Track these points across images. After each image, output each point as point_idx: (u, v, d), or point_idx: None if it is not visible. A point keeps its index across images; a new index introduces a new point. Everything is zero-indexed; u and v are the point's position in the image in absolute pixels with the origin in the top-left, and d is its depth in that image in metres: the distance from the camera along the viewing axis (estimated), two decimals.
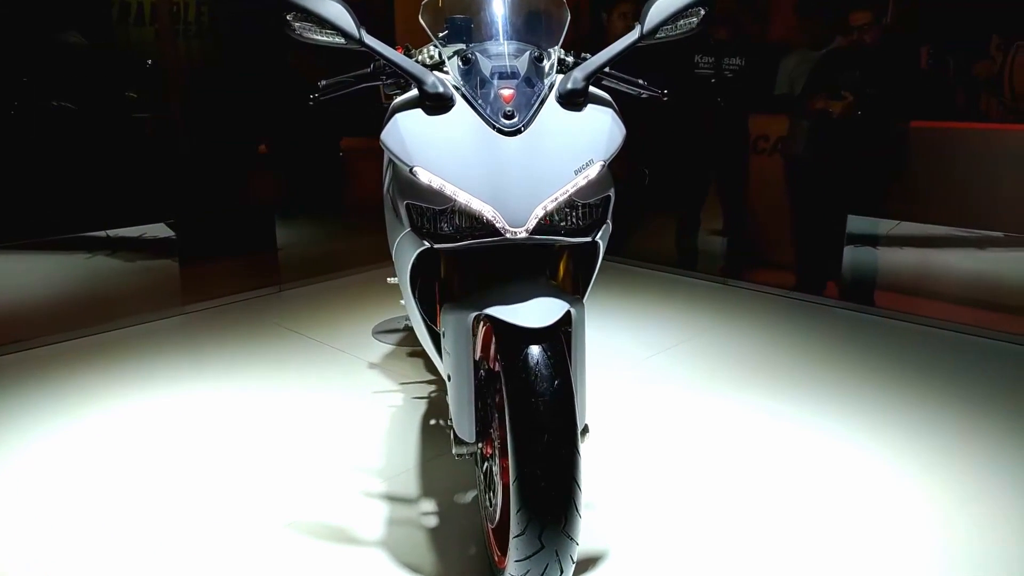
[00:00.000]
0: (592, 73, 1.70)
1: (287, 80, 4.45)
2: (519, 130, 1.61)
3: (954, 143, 4.22)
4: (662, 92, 2.01)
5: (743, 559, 1.97)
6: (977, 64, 4.97)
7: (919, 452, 2.50)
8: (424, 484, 2.35)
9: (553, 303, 1.63)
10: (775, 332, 3.69)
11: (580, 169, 1.62)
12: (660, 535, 2.07)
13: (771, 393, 2.96)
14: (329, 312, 4.04)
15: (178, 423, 2.77)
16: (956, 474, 2.37)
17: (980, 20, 4.93)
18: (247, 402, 2.95)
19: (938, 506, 2.21)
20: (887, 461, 2.46)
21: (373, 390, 3.04)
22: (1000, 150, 4.16)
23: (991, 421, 2.72)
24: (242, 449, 2.58)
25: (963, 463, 2.44)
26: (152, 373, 3.23)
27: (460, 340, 1.70)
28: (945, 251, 4.34)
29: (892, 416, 2.75)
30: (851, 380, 3.08)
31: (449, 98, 1.66)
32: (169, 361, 3.36)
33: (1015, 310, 3.82)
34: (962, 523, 2.12)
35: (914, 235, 4.28)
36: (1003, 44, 5.00)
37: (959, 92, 4.45)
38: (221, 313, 4.04)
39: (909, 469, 2.41)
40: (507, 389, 1.54)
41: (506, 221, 1.57)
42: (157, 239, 4.08)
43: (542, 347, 1.57)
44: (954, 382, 3.06)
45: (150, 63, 4.16)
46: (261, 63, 4.42)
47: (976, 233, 4.29)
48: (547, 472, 1.48)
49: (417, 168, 1.61)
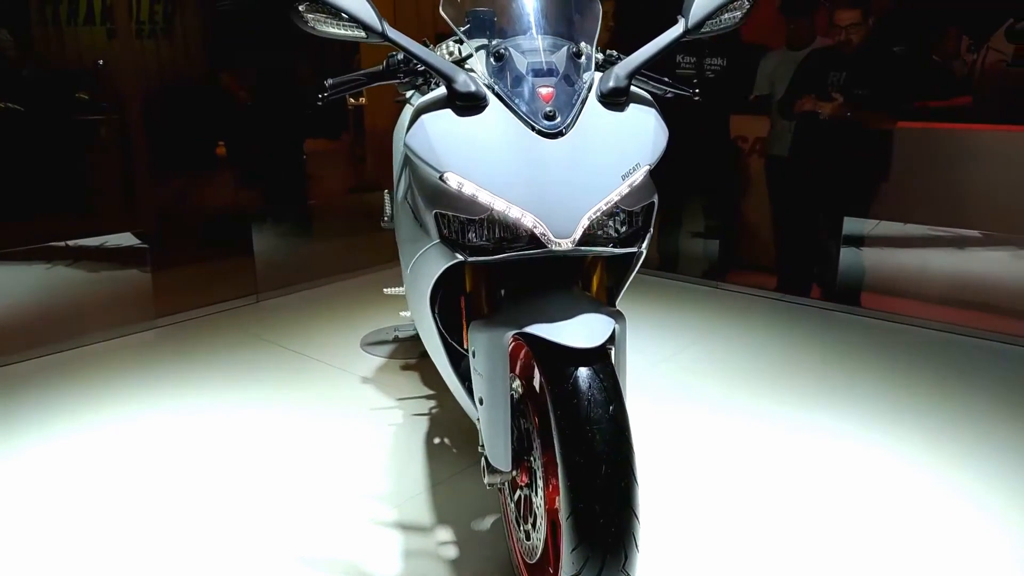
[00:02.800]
0: (635, 70, 1.58)
1: (251, 80, 4.25)
2: (561, 132, 1.48)
3: (926, 144, 4.24)
4: (693, 92, 1.89)
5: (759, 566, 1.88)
6: (948, 65, 5.03)
7: (949, 455, 2.44)
8: (438, 510, 2.20)
9: (599, 320, 1.50)
10: (776, 336, 3.62)
11: (627, 174, 1.50)
12: (701, 555, 1.96)
13: (782, 399, 2.88)
14: (312, 323, 3.85)
15: (158, 448, 2.57)
16: (972, 470, 2.32)
17: (950, 22, 4.98)
18: (233, 423, 2.76)
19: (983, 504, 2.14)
20: (918, 465, 2.39)
21: (370, 407, 2.88)
22: (973, 150, 4.19)
23: (998, 421, 2.67)
24: (234, 475, 2.39)
25: (976, 459, 2.39)
26: (125, 393, 3.01)
27: (495, 361, 1.56)
28: (926, 250, 4.38)
29: (910, 418, 2.69)
30: (863, 383, 3.01)
31: (482, 97, 1.51)
32: (143, 379, 3.15)
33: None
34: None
35: (895, 235, 4.30)
36: (973, 46, 5.06)
37: (932, 93, 4.49)
38: (197, 326, 3.82)
39: (938, 474, 2.34)
40: (557, 416, 1.40)
41: (551, 231, 1.44)
42: (123, 248, 3.85)
43: (592, 369, 1.43)
44: (949, 381, 3.02)
45: (100, 63, 3.94)
46: (224, 62, 4.21)
47: (952, 232, 4.34)
48: (606, 507, 1.35)
49: (449, 174, 1.47)
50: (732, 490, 2.29)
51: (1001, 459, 2.45)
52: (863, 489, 2.29)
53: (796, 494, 2.27)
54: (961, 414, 2.76)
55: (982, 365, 3.26)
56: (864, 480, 2.34)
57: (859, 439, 2.58)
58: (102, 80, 3.88)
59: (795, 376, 3.12)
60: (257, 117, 4.34)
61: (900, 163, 4.09)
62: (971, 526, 2.11)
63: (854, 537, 2.06)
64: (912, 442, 2.56)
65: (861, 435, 2.61)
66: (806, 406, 2.84)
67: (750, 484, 2.32)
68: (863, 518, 2.14)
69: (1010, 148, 4.08)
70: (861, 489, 2.29)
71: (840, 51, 3.96)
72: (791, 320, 3.87)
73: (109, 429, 2.71)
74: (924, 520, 2.14)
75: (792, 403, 2.86)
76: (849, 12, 3.89)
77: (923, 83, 4.38)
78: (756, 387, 3.01)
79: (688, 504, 2.21)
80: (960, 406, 2.83)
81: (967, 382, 3.06)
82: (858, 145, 4.03)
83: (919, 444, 2.55)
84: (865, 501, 2.23)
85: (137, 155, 4.00)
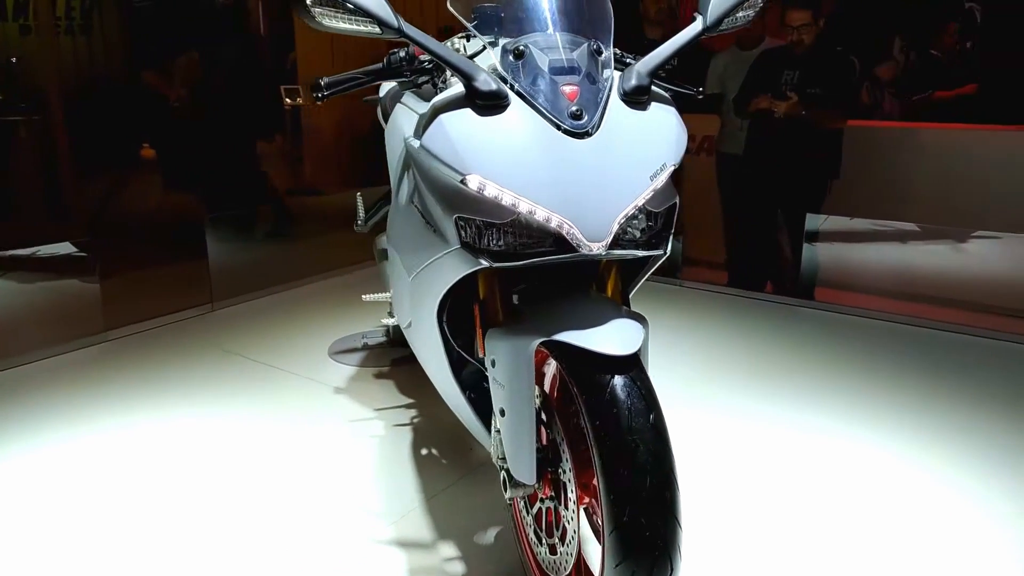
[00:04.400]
0: (656, 68, 1.54)
1: (181, 78, 4.02)
2: (588, 132, 1.43)
3: (874, 142, 4.39)
4: (697, 90, 1.87)
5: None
6: (881, 65, 5.21)
7: (910, 439, 2.50)
8: (436, 524, 2.12)
9: (630, 325, 1.46)
10: (733, 331, 3.66)
11: (655, 174, 1.46)
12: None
13: (751, 395, 2.90)
14: (274, 331, 3.70)
15: (115, 473, 2.40)
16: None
17: (883, 22, 5.16)
18: (199, 441, 2.61)
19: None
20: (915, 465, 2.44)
21: (347, 419, 2.77)
22: (912, 147, 4.36)
23: (956, 405, 2.76)
24: (206, 498, 2.25)
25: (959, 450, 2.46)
26: (74, 412, 2.81)
27: (519, 371, 1.50)
28: (871, 244, 4.57)
29: (875, 408, 2.76)
30: (825, 375, 3.07)
31: (504, 96, 1.45)
32: (94, 396, 2.95)
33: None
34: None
35: (842, 230, 4.43)
36: (905, 46, 5.26)
37: (864, 92, 4.64)
38: (151, 338, 3.62)
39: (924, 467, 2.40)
40: (595, 427, 1.35)
41: (583, 235, 1.39)
42: (67, 257, 3.62)
43: (629, 377, 1.39)
44: (906, 370, 3.11)
45: (14, 60, 3.67)
46: (150, 60, 3.97)
47: (891, 225, 4.52)
48: (652, 519, 1.31)
49: (473, 176, 1.40)
50: (704, 485, 2.28)
51: (964, 441, 2.56)
52: (829, 478, 2.33)
53: (766, 486, 2.28)
54: (917, 400, 2.87)
55: (929, 352, 3.37)
56: (830, 468, 2.38)
57: (826, 430, 2.63)
58: (17, 78, 3.60)
59: (759, 370, 3.15)
60: (191, 117, 4.09)
61: (849, 160, 4.21)
62: (937, 504, 2.17)
63: (821, 526, 2.08)
64: (877, 429, 2.64)
65: (826, 425, 2.66)
66: (773, 399, 2.88)
67: (720, 478, 2.32)
68: (833, 507, 2.17)
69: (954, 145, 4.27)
70: (827, 478, 2.33)
71: (792, 51, 4.03)
72: (745, 315, 3.93)
73: (59, 450, 2.52)
74: (892, 502, 2.19)
75: (761, 398, 2.90)
76: (800, 12, 3.97)
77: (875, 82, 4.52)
78: (726, 382, 3.03)
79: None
80: (916, 393, 2.94)
81: (922, 370, 3.18)
82: (810, 143, 4.11)
83: (884, 431, 2.63)
84: (832, 489, 2.26)
85: (66, 158, 3.73)
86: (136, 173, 3.97)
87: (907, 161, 4.33)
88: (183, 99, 4.03)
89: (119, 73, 3.96)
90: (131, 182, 3.93)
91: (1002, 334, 3.58)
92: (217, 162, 4.29)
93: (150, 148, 4.07)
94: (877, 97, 5.21)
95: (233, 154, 4.41)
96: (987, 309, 3.95)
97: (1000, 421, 2.70)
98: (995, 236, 4.40)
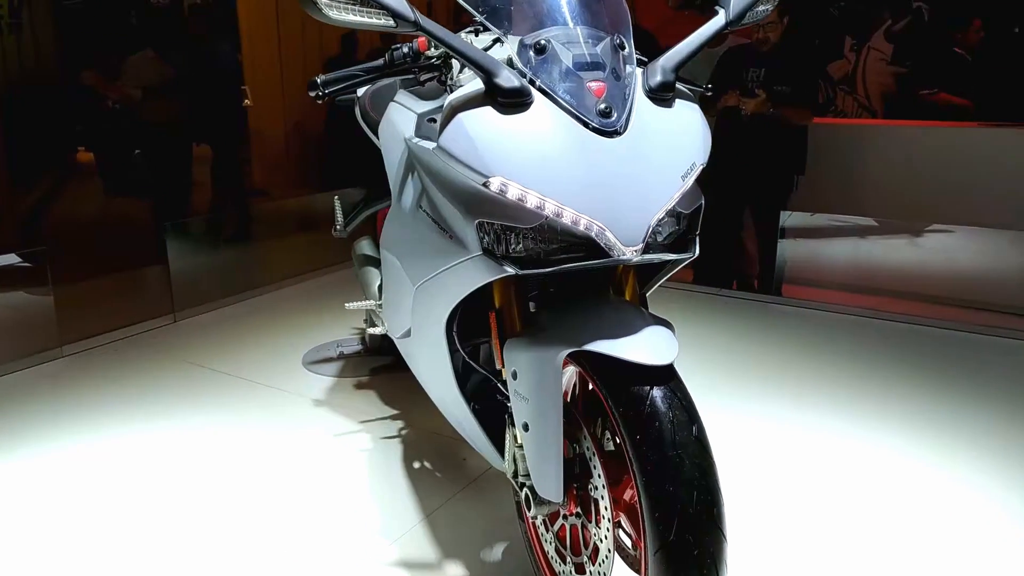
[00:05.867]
0: (680, 64, 1.48)
1: (124, 78, 3.81)
2: (617, 130, 1.36)
3: (837, 139, 4.47)
4: (705, 86, 1.82)
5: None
6: (832, 64, 5.31)
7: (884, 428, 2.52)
8: (440, 542, 2.03)
9: (662, 333, 1.40)
10: (705, 328, 3.65)
11: (686, 174, 1.40)
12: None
13: (722, 391, 2.89)
14: (243, 341, 3.54)
15: (87, 495, 2.25)
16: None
17: (835, 22, 5.26)
18: (173, 462, 2.45)
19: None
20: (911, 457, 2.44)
21: (332, 433, 2.65)
22: (875, 145, 4.44)
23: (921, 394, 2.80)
24: (189, 523, 2.12)
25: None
26: (33, 431, 2.63)
27: (546, 383, 1.42)
28: (832, 240, 4.68)
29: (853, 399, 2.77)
30: (798, 369, 3.08)
31: (528, 93, 1.37)
32: (53, 414, 2.77)
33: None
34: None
35: (803, 226, 4.50)
36: (856, 45, 5.36)
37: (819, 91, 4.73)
38: (111, 352, 3.42)
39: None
40: (635, 443, 1.28)
41: (619, 239, 1.32)
42: (16, 268, 3.40)
43: (668, 388, 1.33)
44: (877, 362, 3.15)
45: None
46: (88, 60, 3.74)
47: (849, 220, 4.64)
48: (701, 536, 1.25)
49: (497, 179, 1.32)
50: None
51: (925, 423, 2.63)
52: (806, 470, 2.34)
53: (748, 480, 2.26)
54: (882, 388, 2.94)
55: (897, 345, 3.42)
56: (813, 462, 2.38)
57: (808, 424, 2.63)
58: None
59: (733, 366, 3.15)
60: (143, 119, 3.87)
61: (813, 157, 4.26)
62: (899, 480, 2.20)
63: (818, 523, 2.07)
64: (851, 420, 2.67)
65: (809, 420, 2.66)
66: (744, 395, 2.88)
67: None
68: (827, 501, 2.17)
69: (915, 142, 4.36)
70: (803, 470, 2.34)
71: (758, 48, 4.04)
72: (715, 313, 3.93)
73: (17, 473, 2.35)
74: (863, 486, 2.22)
75: (732, 392, 2.89)
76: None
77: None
78: (701, 381, 3.02)
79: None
80: (881, 381, 3.00)
81: (886, 361, 3.24)
82: (777, 140, 4.13)
83: (854, 420, 2.67)
84: (811, 478, 2.26)
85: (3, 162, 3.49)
86: (85, 178, 3.75)
87: (869, 157, 4.42)
88: (128, 101, 3.81)
89: (52, 75, 3.71)
90: (81, 187, 3.71)
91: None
92: (172, 165, 4.10)
93: (96, 151, 3.84)
94: (830, 95, 5.32)
95: (185, 156, 4.20)
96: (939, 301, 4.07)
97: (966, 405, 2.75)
98: (948, 230, 4.54)
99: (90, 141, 3.75)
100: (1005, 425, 2.65)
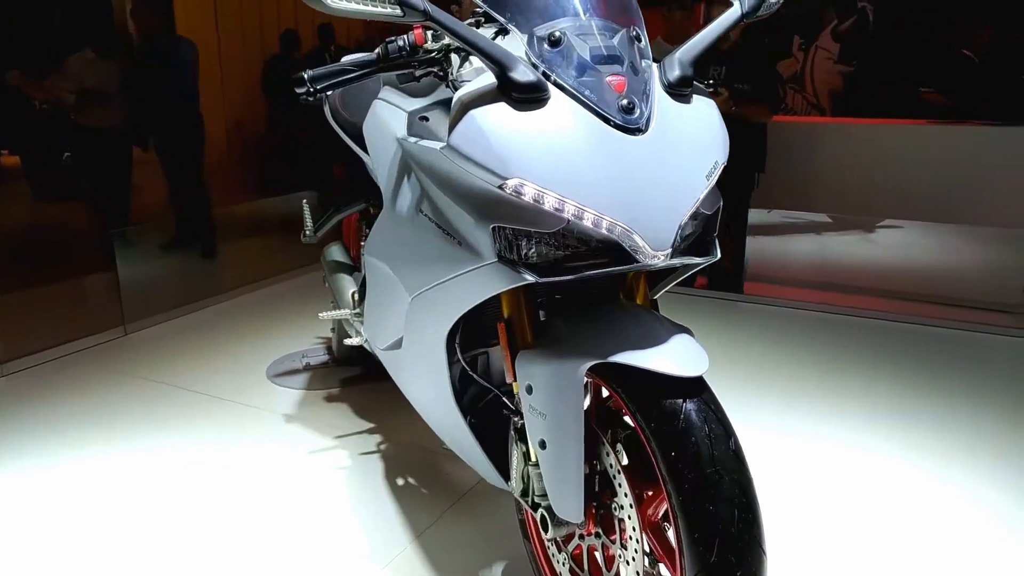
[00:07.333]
0: (697, 57, 1.41)
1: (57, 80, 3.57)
2: (640, 128, 1.28)
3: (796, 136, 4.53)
4: (707, 82, 1.76)
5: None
6: (782, 63, 5.38)
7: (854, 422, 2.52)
8: (434, 563, 1.92)
9: (687, 341, 1.33)
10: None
11: (710, 173, 1.34)
12: None
13: None
14: (200, 354, 3.35)
15: (39, 523, 2.07)
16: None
17: (785, 21, 5.32)
18: (139, 487, 2.29)
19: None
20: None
21: (305, 450, 2.51)
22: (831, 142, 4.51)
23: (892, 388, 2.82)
24: (160, 557, 1.96)
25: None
26: None
27: (566, 398, 1.34)
28: (787, 236, 4.75)
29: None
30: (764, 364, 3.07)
31: (544, 88, 1.28)
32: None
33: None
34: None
35: (761, 223, 4.54)
36: (804, 44, 5.44)
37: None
38: (56, 369, 3.20)
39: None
40: (669, 460, 1.21)
41: (648, 243, 1.24)
42: None
43: (701, 401, 1.26)
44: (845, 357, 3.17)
45: None
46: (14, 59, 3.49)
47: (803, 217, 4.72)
48: (742, 556, 1.18)
49: (515, 181, 1.23)
50: None
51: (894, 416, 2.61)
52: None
53: None
54: (841, 382, 2.91)
55: (856, 340, 3.45)
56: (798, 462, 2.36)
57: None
58: None
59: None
60: (81, 121, 3.62)
61: (773, 155, 4.30)
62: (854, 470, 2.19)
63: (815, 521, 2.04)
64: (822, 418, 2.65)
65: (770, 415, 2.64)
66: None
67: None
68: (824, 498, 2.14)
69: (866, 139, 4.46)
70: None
71: (718, 46, 4.03)
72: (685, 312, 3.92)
73: None
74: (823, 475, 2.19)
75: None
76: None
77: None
78: None
79: None
80: (849, 376, 2.98)
81: (849, 356, 3.24)
82: (737, 138, 4.14)
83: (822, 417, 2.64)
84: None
85: None
86: (17, 183, 3.49)
87: (826, 155, 4.49)
88: (63, 103, 3.55)
89: None
90: (9, 193, 3.45)
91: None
92: (119, 169, 3.87)
93: (24, 154, 3.57)
94: (781, 93, 5.39)
95: (128, 160, 3.95)
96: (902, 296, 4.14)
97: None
98: (898, 225, 4.64)
99: (16, 144, 3.48)
100: (966, 415, 2.68)
